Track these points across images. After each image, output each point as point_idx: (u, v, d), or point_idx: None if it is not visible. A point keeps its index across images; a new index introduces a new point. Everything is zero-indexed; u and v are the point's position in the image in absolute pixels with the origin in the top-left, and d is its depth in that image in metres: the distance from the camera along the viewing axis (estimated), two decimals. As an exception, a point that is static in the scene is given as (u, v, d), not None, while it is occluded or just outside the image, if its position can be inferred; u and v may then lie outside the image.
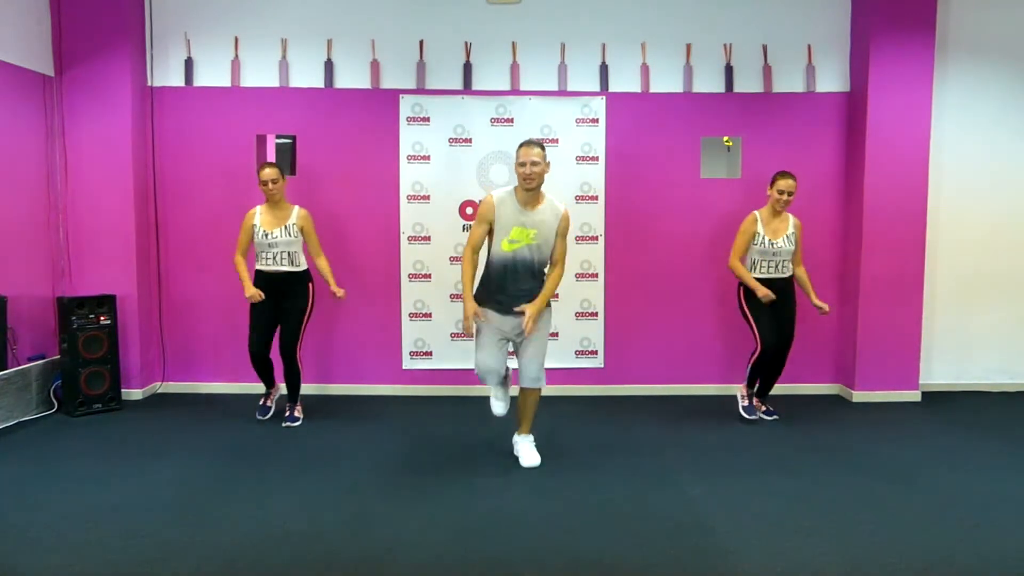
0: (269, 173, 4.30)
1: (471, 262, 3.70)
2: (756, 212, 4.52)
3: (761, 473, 3.71)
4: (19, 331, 4.69)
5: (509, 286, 3.64)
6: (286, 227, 4.33)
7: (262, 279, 4.37)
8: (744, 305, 4.50)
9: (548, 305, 3.77)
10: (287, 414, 4.51)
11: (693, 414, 4.86)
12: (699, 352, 5.37)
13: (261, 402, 4.67)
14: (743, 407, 4.59)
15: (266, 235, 4.31)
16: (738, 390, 4.71)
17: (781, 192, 4.39)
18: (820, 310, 4.48)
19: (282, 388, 4.66)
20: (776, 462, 3.88)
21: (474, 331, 3.76)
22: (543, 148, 3.61)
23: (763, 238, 4.43)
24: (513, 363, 3.89)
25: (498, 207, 3.62)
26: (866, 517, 3.15)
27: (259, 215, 4.38)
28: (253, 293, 4.27)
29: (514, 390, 3.91)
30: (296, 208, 4.43)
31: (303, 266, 4.45)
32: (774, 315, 4.45)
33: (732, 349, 5.35)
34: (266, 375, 4.57)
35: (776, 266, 4.45)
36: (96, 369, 4.76)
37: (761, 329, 4.42)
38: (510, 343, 3.79)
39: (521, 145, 3.62)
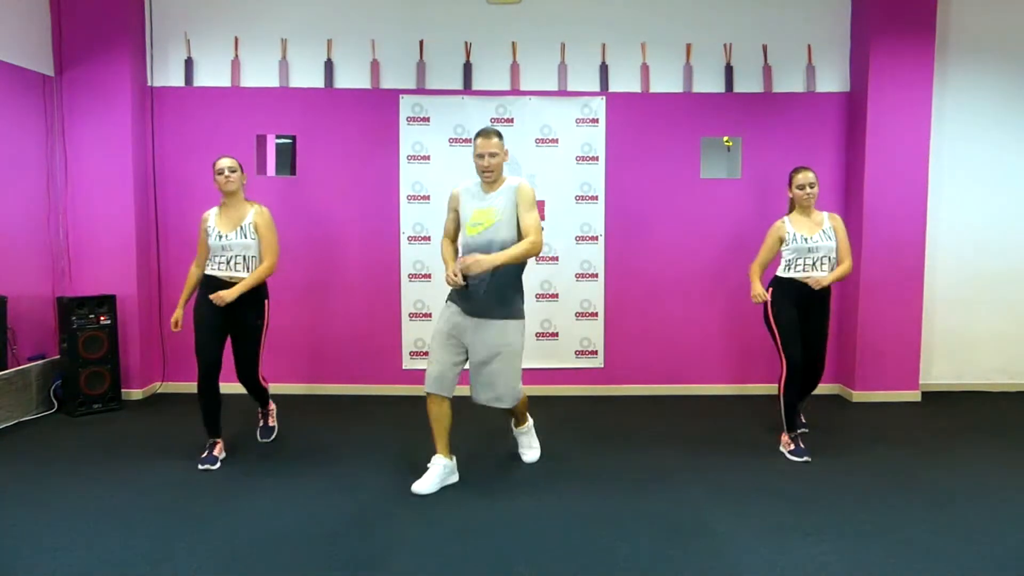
0: (226, 161, 3.79)
1: (449, 247, 3.67)
2: (784, 217, 4.04)
3: (761, 473, 3.71)
4: (19, 331, 4.69)
5: (474, 279, 3.41)
6: (242, 228, 3.78)
7: (212, 286, 3.76)
8: (770, 318, 3.98)
9: (519, 317, 3.50)
10: (261, 424, 4.13)
11: (693, 414, 4.86)
12: (699, 352, 5.37)
13: (206, 453, 3.82)
14: (789, 451, 3.96)
15: (220, 236, 3.77)
16: (781, 440, 4.06)
17: (801, 187, 3.91)
18: (813, 283, 3.88)
19: (223, 452, 3.90)
20: (776, 462, 3.88)
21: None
22: (501, 137, 3.47)
23: (795, 235, 3.92)
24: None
25: (460, 196, 3.58)
26: (866, 518, 3.15)
27: (214, 216, 3.85)
28: (175, 321, 3.87)
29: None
30: (255, 207, 3.86)
31: None
32: (806, 326, 3.96)
33: (732, 349, 5.36)
34: (215, 412, 3.82)
35: (814, 264, 3.89)
36: (96, 369, 4.76)
37: (785, 344, 3.91)
38: (463, 362, 3.52)
39: (478, 135, 3.47)
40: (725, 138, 5.27)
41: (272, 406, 4.25)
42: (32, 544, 2.87)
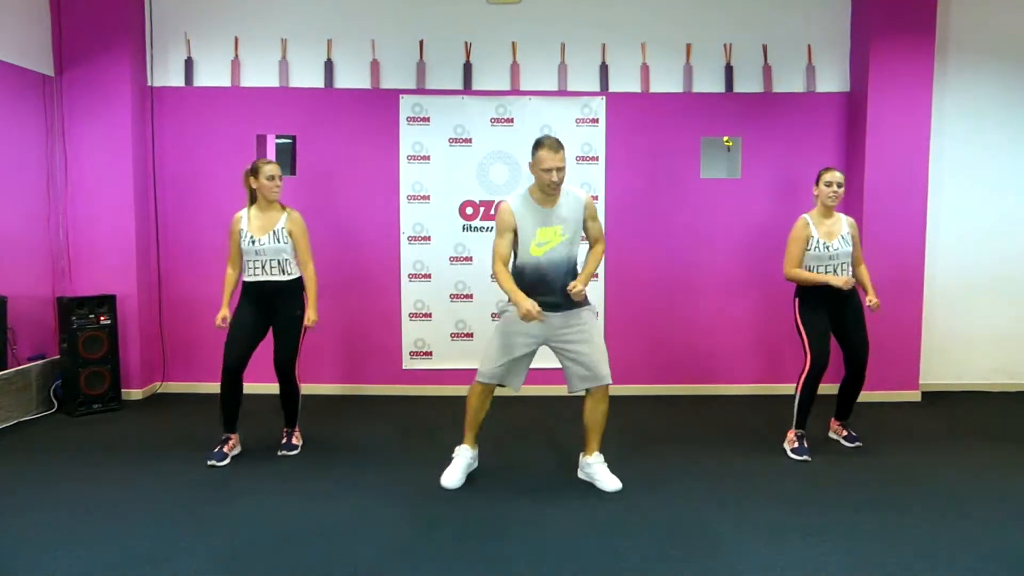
0: (275, 168, 3.84)
1: (505, 273, 3.40)
2: (805, 215, 4.00)
3: (762, 473, 3.71)
4: (19, 331, 4.69)
5: (546, 289, 3.43)
6: (275, 232, 3.82)
7: (251, 291, 3.86)
8: (798, 316, 3.99)
9: (590, 303, 3.61)
10: (284, 441, 4.05)
11: (693, 413, 4.86)
12: (699, 351, 5.37)
13: (217, 448, 3.84)
14: (792, 448, 4.00)
15: (253, 241, 3.80)
16: (787, 437, 4.10)
17: (829, 184, 3.91)
18: (873, 307, 3.98)
19: (237, 448, 3.95)
20: (777, 462, 3.88)
21: (503, 329, 3.50)
22: (564, 149, 3.35)
23: (817, 241, 3.91)
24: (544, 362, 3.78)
25: (517, 213, 3.40)
26: (866, 518, 3.15)
27: (246, 220, 3.87)
28: (223, 317, 3.84)
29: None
30: (287, 211, 3.91)
31: (295, 274, 3.92)
32: (844, 324, 3.99)
33: (733, 348, 5.36)
34: (232, 409, 3.87)
35: (835, 270, 3.91)
36: (96, 369, 4.76)
37: (813, 342, 3.91)
38: (520, 362, 3.55)
39: (543, 147, 3.30)
40: (725, 138, 5.27)
41: (297, 429, 4.14)
42: (32, 544, 2.87)
